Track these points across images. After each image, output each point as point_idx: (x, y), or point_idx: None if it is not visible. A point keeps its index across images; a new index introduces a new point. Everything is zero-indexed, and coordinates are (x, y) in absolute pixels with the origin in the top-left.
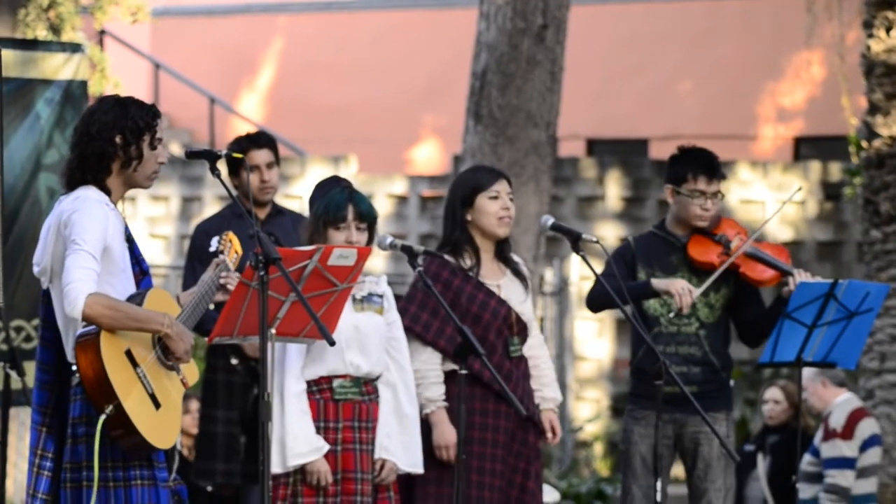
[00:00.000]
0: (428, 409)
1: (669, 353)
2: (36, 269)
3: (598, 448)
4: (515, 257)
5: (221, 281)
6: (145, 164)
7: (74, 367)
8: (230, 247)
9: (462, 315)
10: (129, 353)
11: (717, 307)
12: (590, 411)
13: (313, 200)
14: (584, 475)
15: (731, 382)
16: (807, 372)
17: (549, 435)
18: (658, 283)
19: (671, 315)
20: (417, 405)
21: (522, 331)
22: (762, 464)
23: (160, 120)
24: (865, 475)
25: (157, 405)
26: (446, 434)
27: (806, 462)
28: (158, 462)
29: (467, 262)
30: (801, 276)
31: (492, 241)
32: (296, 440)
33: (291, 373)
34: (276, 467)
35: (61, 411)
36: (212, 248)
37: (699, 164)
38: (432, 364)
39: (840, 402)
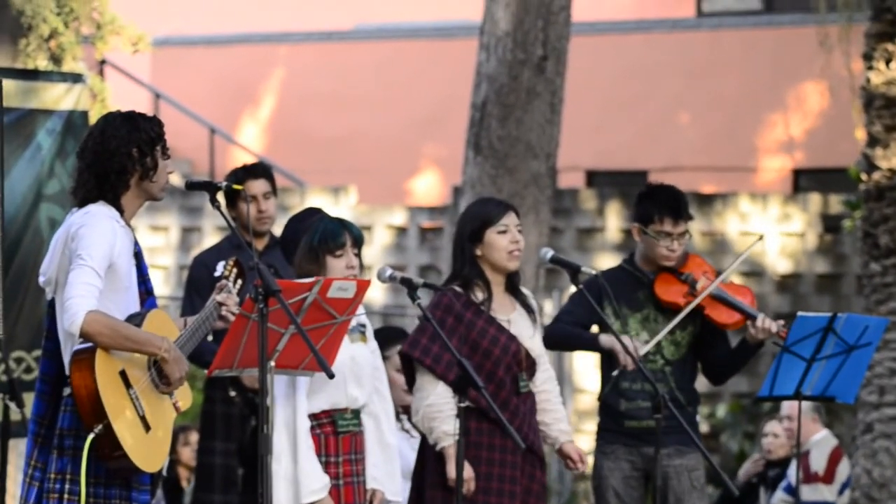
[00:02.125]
0: (445, 443)
1: (636, 390)
2: (42, 279)
3: None
4: (525, 290)
5: (219, 298)
6: (160, 174)
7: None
8: (235, 273)
9: (472, 349)
10: (123, 374)
11: (683, 344)
12: (588, 444)
13: (291, 234)
14: None
15: (698, 417)
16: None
17: (580, 465)
18: (604, 339)
19: (613, 374)
20: (397, 434)
21: (531, 367)
22: (765, 497)
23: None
24: None
25: (147, 428)
26: (464, 468)
27: (779, 499)
28: (141, 484)
29: (479, 296)
30: (763, 321)
31: (502, 275)
32: (309, 477)
33: (302, 408)
34: (286, 503)
35: (56, 423)
36: (217, 273)
37: (665, 206)
38: (447, 398)
39: (818, 441)
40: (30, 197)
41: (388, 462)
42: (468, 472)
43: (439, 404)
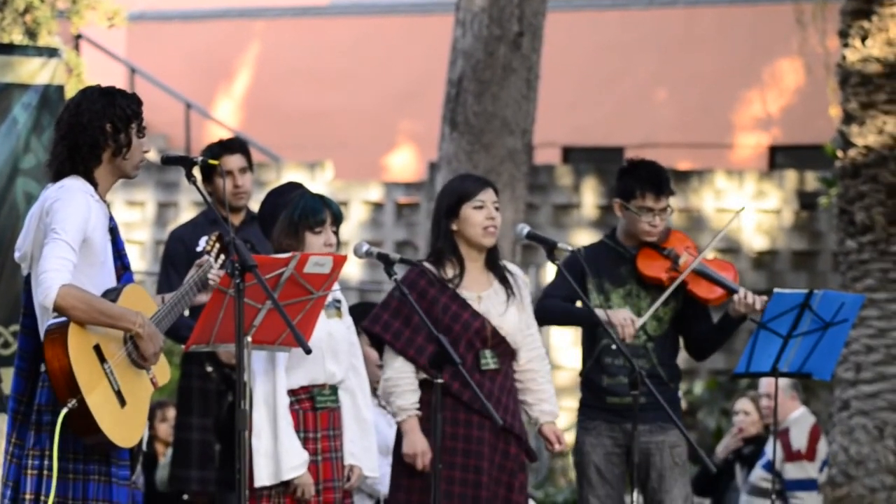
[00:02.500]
0: (400, 418)
1: (618, 366)
2: (17, 255)
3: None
4: (511, 266)
5: (210, 274)
6: (133, 152)
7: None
8: (218, 248)
9: (433, 325)
10: (97, 348)
11: (665, 320)
12: (566, 421)
13: (270, 208)
14: (560, 485)
15: (680, 394)
16: (769, 380)
17: (557, 447)
18: (601, 313)
19: (613, 347)
20: (372, 409)
21: (500, 344)
22: (741, 474)
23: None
24: (822, 491)
25: (122, 402)
26: (416, 443)
27: (758, 477)
28: (120, 459)
29: (449, 272)
30: (744, 296)
31: (479, 251)
32: (289, 453)
33: (281, 384)
34: (266, 480)
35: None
36: (199, 248)
37: (647, 181)
38: (405, 372)
39: (796, 419)
40: (5, 171)
41: (365, 437)
42: (423, 445)
43: (396, 378)
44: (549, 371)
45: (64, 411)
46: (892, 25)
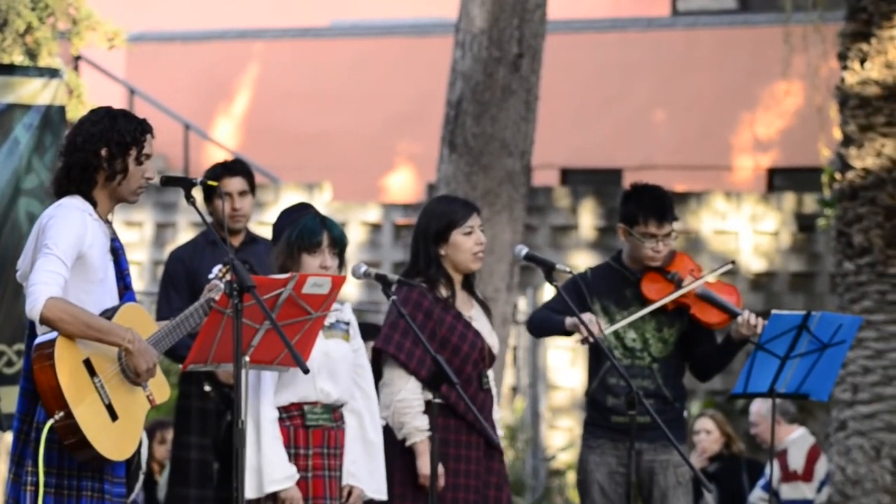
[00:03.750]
0: (416, 439)
1: (622, 386)
2: (18, 274)
3: (571, 476)
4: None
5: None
6: (130, 179)
7: None
8: (229, 276)
9: (442, 345)
10: (87, 363)
11: (671, 342)
12: (563, 440)
13: (280, 227)
14: (556, 503)
15: (685, 414)
16: (759, 407)
17: None
18: (568, 321)
19: (604, 369)
20: (381, 432)
21: (492, 363)
22: (708, 495)
23: (150, 135)
24: None
25: (113, 417)
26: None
27: (757, 497)
28: (115, 476)
29: (443, 292)
30: (745, 316)
31: (461, 274)
32: (272, 466)
33: (267, 399)
34: (250, 493)
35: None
36: (211, 276)
37: (650, 207)
38: (417, 393)
39: (795, 440)
40: (8, 192)
41: (371, 459)
42: (439, 468)
43: (409, 399)
44: (525, 386)
45: (50, 423)
46: (891, 48)
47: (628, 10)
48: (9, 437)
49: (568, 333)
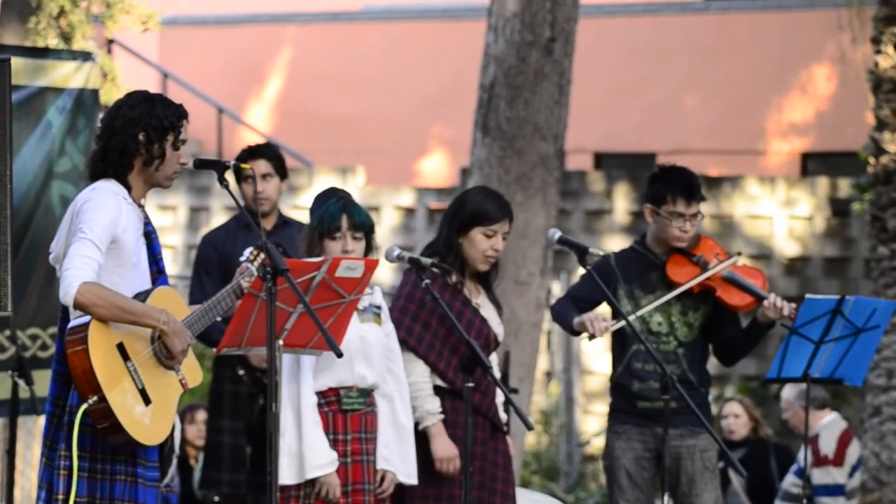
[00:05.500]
0: (429, 422)
1: (648, 371)
2: (51, 257)
3: None
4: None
5: (244, 282)
6: (167, 164)
7: None
8: (260, 259)
9: (449, 331)
10: (120, 347)
11: (696, 326)
12: (597, 425)
13: (312, 212)
14: (591, 489)
15: (711, 398)
16: (787, 393)
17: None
18: (576, 320)
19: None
20: (412, 416)
21: (496, 349)
22: (736, 479)
23: (186, 121)
24: (851, 496)
25: (147, 401)
26: (448, 447)
27: (790, 483)
28: (148, 460)
29: (453, 278)
30: (772, 300)
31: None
32: (314, 452)
33: (307, 384)
34: (289, 479)
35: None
36: (242, 259)
37: (678, 187)
38: (426, 377)
39: (826, 424)
40: (41, 175)
41: (402, 443)
42: (454, 449)
43: (420, 383)
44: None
45: (83, 407)
46: None
47: None
48: (42, 420)
49: (576, 333)
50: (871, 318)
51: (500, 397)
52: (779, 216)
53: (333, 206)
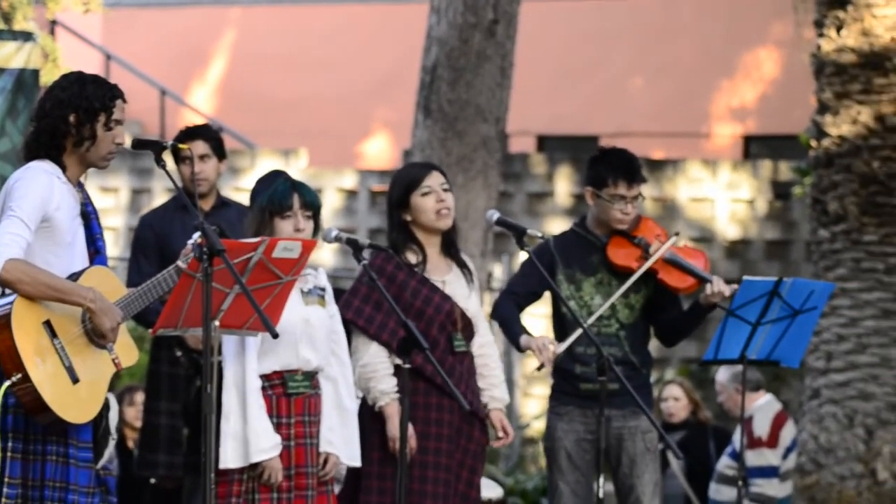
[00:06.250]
0: (382, 402)
1: (590, 354)
2: None
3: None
4: (463, 254)
5: (180, 261)
6: (99, 145)
7: None
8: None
9: (405, 309)
10: (48, 324)
11: (637, 308)
12: (537, 408)
13: (256, 195)
14: (530, 472)
15: (652, 380)
16: (721, 376)
17: (501, 434)
18: (524, 340)
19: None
20: (356, 399)
21: (467, 327)
22: (676, 462)
23: (119, 101)
24: (784, 479)
25: (74, 379)
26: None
27: (724, 465)
28: (80, 441)
29: (412, 259)
30: (717, 284)
31: (436, 236)
32: (258, 436)
33: (251, 367)
34: (234, 462)
35: None
36: (190, 242)
37: (619, 169)
38: (381, 357)
39: (760, 406)
40: None
41: (346, 426)
42: (409, 430)
43: (374, 363)
44: (499, 357)
45: (5, 385)
46: (867, 15)
47: None
48: None
49: (520, 350)
50: (809, 299)
51: (489, 378)
52: (721, 199)
53: (283, 185)
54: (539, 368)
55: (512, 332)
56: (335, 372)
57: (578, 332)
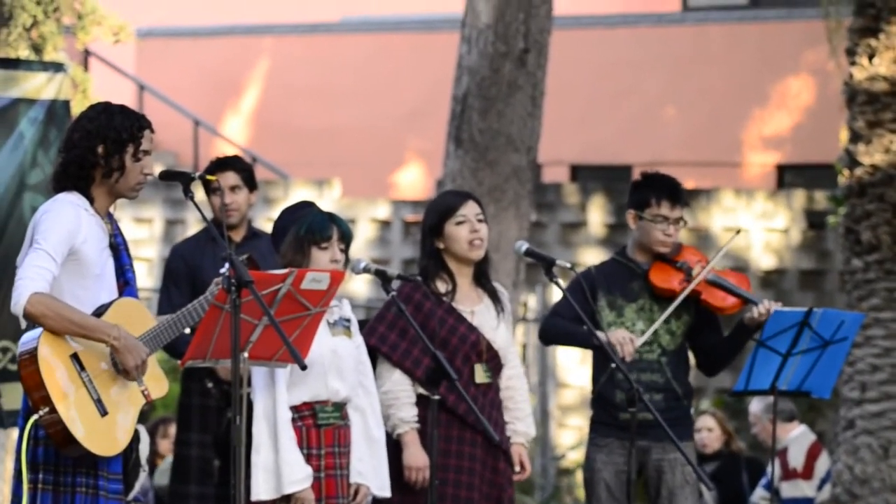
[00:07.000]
0: (401, 430)
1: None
2: (18, 270)
3: (580, 475)
4: (496, 284)
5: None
6: (128, 176)
7: None
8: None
9: (430, 338)
10: (75, 357)
11: (679, 334)
12: (572, 439)
13: (282, 225)
14: (565, 502)
15: (692, 411)
16: (755, 407)
17: (517, 469)
18: (601, 335)
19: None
20: (384, 429)
21: (493, 359)
22: (707, 493)
23: (147, 131)
24: None
25: (102, 412)
26: (417, 456)
27: (759, 496)
28: (110, 472)
29: (441, 288)
30: (766, 304)
31: (468, 266)
32: (291, 467)
33: (281, 398)
34: (266, 494)
35: None
36: (222, 270)
37: (662, 190)
38: (404, 385)
39: (795, 438)
40: (13, 186)
41: (375, 456)
42: (424, 459)
43: (395, 391)
44: (527, 390)
45: (33, 419)
46: None
47: (638, 6)
48: (14, 433)
49: (595, 348)
50: (839, 330)
51: (515, 412)
52: (755, 228)
53: (320, 216)
54: (620, 362)
55: (579, 336)
56: (363, 402)
57: (650, 332)
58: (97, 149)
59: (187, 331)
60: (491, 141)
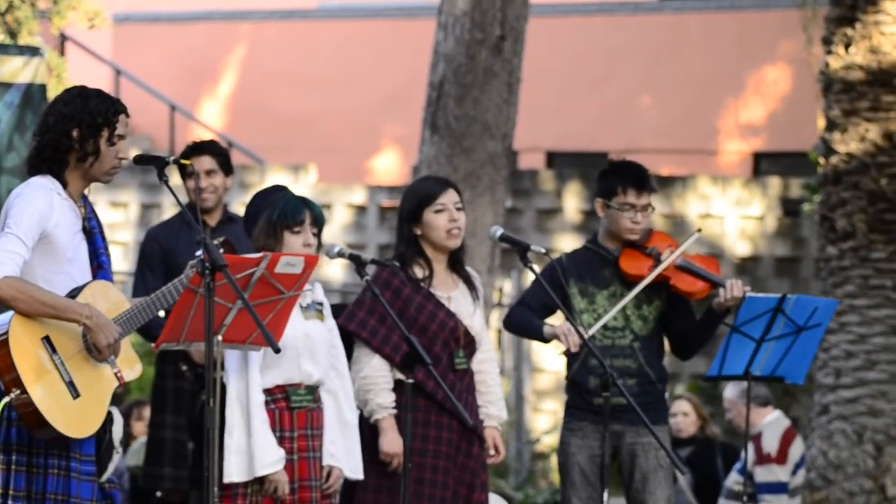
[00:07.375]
0: (379, 415)
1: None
2: None
3: (555, 460)
4: (470, 269)
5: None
6: (103, 160)
7: None
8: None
9: (409, 325)
10: (47, 340)
11: (651, 319)
12: (547, 423)
13: (254, 209)
14: (540, 487)
15: (667, 395)
16: (730, 392)
17: (492, 453)
18: (547, 330)
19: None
20: (357, 412)
21: (470, 344)
22: (682, 478)
23: (122, 115)
24: (794, 495)
25: (75, 394)
26: (394, 441)
27: (733, 481)
28: (82, 454)
29: (418, 273)
30: (732, 287)
31: (444, 253)
32: (263, 450)
33: (254, 381)
34: (238, 476)
35: None
36: (198, 252)
37: (629, 178)
38: (382, 371)
39: (769, 423)
40: None
41: (347, 439)
42: (401, 444)
43: (374, 377)
44: (498, 374)
45: (5, 400)
46: (876, 33)
47: None
48: None
49: (546, 341)
50: (813, 316)
51: (488, 396)
52: (730, 216)
53: (293, 200)
54: (566, 353)
55: (533, 328)
56: (335, 385)
57: (600, 323)
58: (72, 133)
59: (161, 314)
60: (467, 127)
